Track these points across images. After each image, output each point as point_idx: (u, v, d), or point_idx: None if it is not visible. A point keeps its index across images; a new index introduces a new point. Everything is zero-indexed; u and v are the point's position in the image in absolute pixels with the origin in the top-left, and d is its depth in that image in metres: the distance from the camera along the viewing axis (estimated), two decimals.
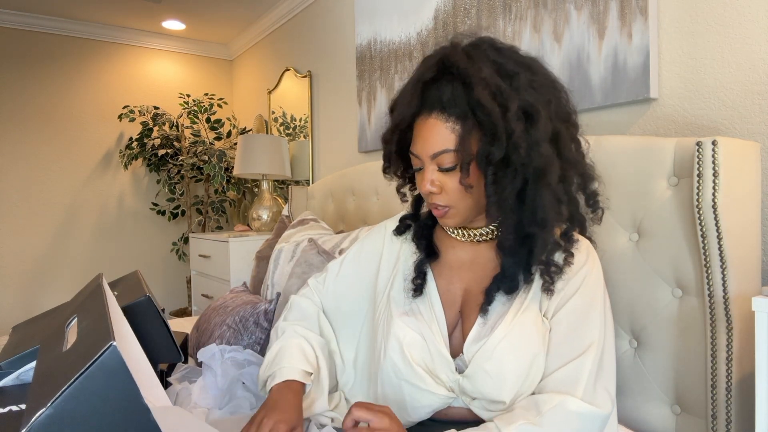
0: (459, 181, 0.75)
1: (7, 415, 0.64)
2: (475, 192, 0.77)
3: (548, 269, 0.76)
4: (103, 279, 0.86)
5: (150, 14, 3.15)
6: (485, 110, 0.70)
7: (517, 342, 0.75)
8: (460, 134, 0.73)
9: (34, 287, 3.19)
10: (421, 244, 0.88)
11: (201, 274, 2.80)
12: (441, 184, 0.77)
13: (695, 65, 1.15)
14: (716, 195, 0.88)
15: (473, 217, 0.81)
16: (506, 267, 0.78)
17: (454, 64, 0.73)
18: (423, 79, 0.76)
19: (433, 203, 0.79)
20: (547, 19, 1.42)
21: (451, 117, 0.74)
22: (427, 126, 0.75)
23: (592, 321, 0.76)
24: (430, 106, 0.75)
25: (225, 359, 1.02)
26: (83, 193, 3.33)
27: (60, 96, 3.23)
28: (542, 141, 0.72)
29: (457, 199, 0.77)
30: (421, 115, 0.77)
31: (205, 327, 1.36)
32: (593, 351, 0.73)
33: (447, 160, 0.75)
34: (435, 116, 0.75)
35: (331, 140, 2.61)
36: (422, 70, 0.77)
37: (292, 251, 1.61)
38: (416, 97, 0.76)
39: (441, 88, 0.74)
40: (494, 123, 0.70)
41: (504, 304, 0.79)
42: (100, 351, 0.50)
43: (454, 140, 0.73)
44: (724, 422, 0.90)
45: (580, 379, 0.71)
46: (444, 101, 0.73)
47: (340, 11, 2.48)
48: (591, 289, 0.79)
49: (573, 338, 0.75)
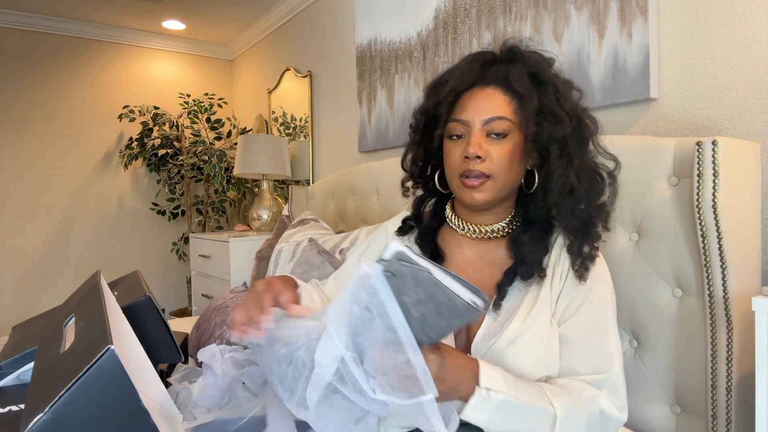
0: (512, 149, 0.77)
1: (7, 415, 0.64)
2: (515, 170, 0.79)
3: (584, 261, 0.78)
4: (100, 276, 0.86)
5: (150, 14, 3.15)
6: (554, 92, 0.76)
7: (529, 344, 0.74)
8: (524, 109, 0.76)
9: (34, 287, 3.19)
10: (426, 247, 0.87)
11: (201, 274, 2.80)
12: (488, 151, 0.77)
13: (695, 65, 1.15)
14: (716, 195, 0.88)
15: (500, 198, 0.80)
16: (525, 253, 0.78)
17: (521, 52, 0.79)
18: (482, 58, 0.80)
19: (473, 170, 0.77)
20: (547, 19, 1.42)
21: (509, 92, 0.77)
22: (484, 94, 0.78)
23: (610, 329, 0.77)
24: (488, 81, 0.79)
25: (225, 359, 1.02)
26: (83, 193, 3.33)
27: (60, 96, 3.23)
28: (589, 140, 0.78)
29: (500, 169, 0.77)
30: (475, 87, 0.80)
31: (205, 327, 1.36)
32: (618, 360, 0.75)
33: (499, 127, 0.76)
34: (493, 88, 0.78)
35: (331, 140, 2.61)
36: (477, 54, 0.82)
37: (292, 251, 1.61)
38: (475, 70, 0.79)
39: (502, 68, 0.79)
40: (559, 106, 0.75)
41: (514, 302, 0.78)
42: (97, 354, 0.50)
43: (510, 112, 0.77)
44: (724, 422, 0.90)
45: (606, 383, 0.74)
46: (508, 77, 0.77)
47: (340, 11, 2.48)
48: (602, 293, 0.79)
49: (596, 344, 0.76)
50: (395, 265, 0.56)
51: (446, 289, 0.56)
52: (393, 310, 0.55)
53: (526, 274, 0.78)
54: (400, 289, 0.56)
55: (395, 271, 0.56)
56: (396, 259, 0.56)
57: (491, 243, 0.84)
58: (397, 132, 2.04)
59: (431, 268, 0.57)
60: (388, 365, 0.56)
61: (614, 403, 0.73)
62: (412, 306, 0.56)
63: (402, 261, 0.56)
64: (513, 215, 0.83)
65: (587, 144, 0.78)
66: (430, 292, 0.56)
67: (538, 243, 0.79)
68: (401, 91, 2.01)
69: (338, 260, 1.43)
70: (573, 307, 0.77)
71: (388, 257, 0.57)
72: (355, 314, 0.58)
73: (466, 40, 1.70)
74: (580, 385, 0.73)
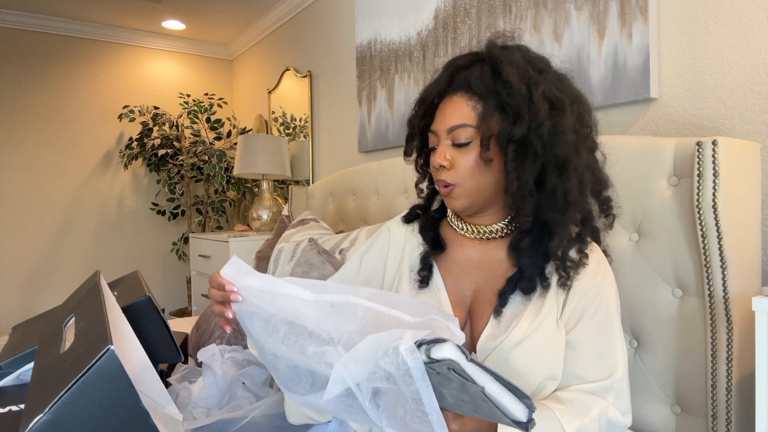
0: (477, 156, 0.76)
1: (7, 415, 0.64)
2: (486, 175, 0.77)
3: (564, 264, 0.76)
4: (100, 276, 0.86)
5: (150, 14, 3.15)
6: (511, 88, 0.73)
7: (535, 346, 0.74)
8: (481, 112, 0.75)
9: (34, 287, 3.19)
10: (428, 236, 0.88)
11: (201, 274, 2.80)
12: (453, 160, 0.77)
13: (695, 65, 1.15)
14: (716, 195, 0.88)
15: (480, 203, 0.80)
16: (524, 267, 0.77)
17: (488, 51, 0.78)
18: (455, 64, 0.80)
19: (440, 179, 0.79)
20: (547, 19, 1.42)
21: (473, 96, 0.76)
22: (449, 103, 0.78)
23: (616, 334, 0.77)
24: (456, 87, 0.79)
25: (225, 359, 1.02)
26: (83, 193, 3.33)
27: (60, 96, 3.23)
28: (567, 130, 0.73)
29: (465, 177, 0.77)
30: (446, 95, 0.80)
31: (205, 327, 1.36)
32: (622, 365, 0.76)
33: (462, 135, 0.76)
34: (459, 95, 0.78)
35: (331, 140, 2.61)
36: (456, 59, 0.81)
37: (292, 251, 1.61)
38: (445, 78, 0.80)
39: (470, 71, 0.78)
40: (518, 103, 0.72)
41: (518, 306, 0.78)
42: (97, 355, 0.50)
43: (473, 117, 0.76)
44: (724, 422, 0.90)
45: (611, 389, 0.74)
46: (470, 81, 0.77)
47: (340, 11, 2.48)
48: (608, 298, 0.79)
49: (601, 351, 0.76)
50: (444, 371, 0.50)
51: (494, 408, 0.50)
52: (429, 399, 0.51)
53: (527, 288, 0.77)
54: (441, 384, 0.52)
55: (442, 373, 0.51)
56: (447, 367, 0.50)
57: (492, 243, 0.84)
58: (396, 132, 2.04)
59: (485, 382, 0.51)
60: (401, 414, 0.55)
61: (618, 408, 0.74)
62: (450, 397, 0.53)
63: (453, 371, 0.50)
64: (512, 216, 0.82)
65: (562, 134, 0.73)
66: (475, 400, 0.52)
67: (537, 249, 0.77)
68: (401, 91, 2.01)
69: (338, 260, 1.43)
70: (580, 312, 0.77)
71: (438, 358, 0.50)
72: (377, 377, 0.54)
73: (466, 40, 1.70)
74: (587, 400, 0.73)
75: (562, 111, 0.73)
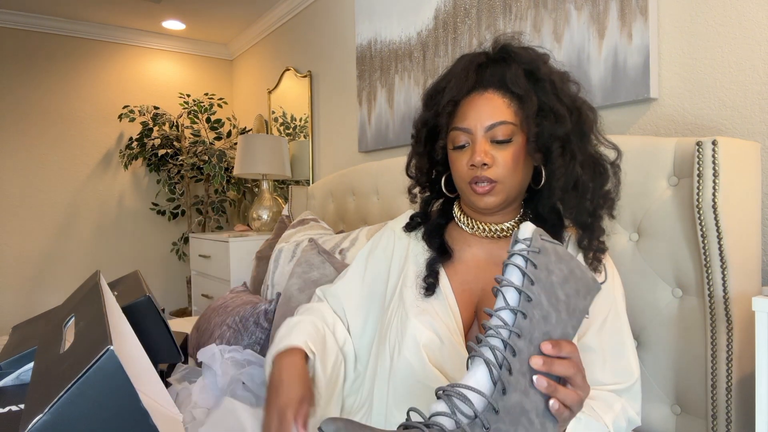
0: (515, 153, 0.77)
1: (7, 415, 0.64)
2: (521, 172, 0.79)
3: (596, 254, 0.79)
4: (100, 276, 0.85)
5: (150, 14, 3.15)
6: (555, 88, 0.75)
7: None
8: (523, 111, 0.76)
9: (34, 287, 3.19)
10: (434, 243, 0.87)
11: (201, 274, 2.80)
12: (493, 157, 0.77)
13: (695, 65, 1.15)
14: (716, 195, 0.88)
15: (510, 200, 0.81)
16: None
17: (514, 50, 0.78)
18: (476, 61, 0.80)
19: (481, 177, 0.77)
20: (547, 19, 1.42)
21: (507, 94, 0.77)
22: (483, 100, 0.78)
23: (627, 337, 0.79)
24: (486, 84, 0.78)
25: (225, 359, 1.02)
26: (83, 193, 3.33)
27: (60, 96, 3.23)
28: (590, 132, 0.78)
29: (506, 174, 0.77)
30: (473, 93, 0.79)
31: (205, 327, 1.36)
32: (636, 368, 0.78)
33: (501, 132, 0.76)
34: (491, 92, 0.78)
35: (331, 140, 2.61)
36: (470, 57, 0.81)
37: (292, 251, 1.61)
38: (471, 76, 0.79)
39: (498, 70, 0.78)
40: (561, 102, 0.75)
41: None
42: (97, 355, 0.50)
43: (511, 115, 0.76)
44: (724, 422, 0.90)
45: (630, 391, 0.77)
46: (505, 80, 0.77)
47: (340, 11, 2.48)
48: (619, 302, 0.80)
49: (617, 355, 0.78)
50: (539, 241, 0.56)
51: (579, 262, 0.57)
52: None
53: None
54: (548, 267, 0.55)
55: (540, 247, 0.55)
56: (539, 234, 0.56)
57: (501, 242, 0.84)
58: (397, 132, 2.04)
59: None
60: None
61: (634, 409, 0.77)
62: (559, 287, 0.55)
63: (543, 237, 0.56)
64: (522, 214, 0.84)
65: (588, 136, 0.78)
66: (570, 266, 0.56)
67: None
68: (401, 91, 2.01)
69: (338, 260, 1.43)
70: (592, 316, 0.78)
71: (529, 235, 0.56)
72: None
73: (466, 40, 1.70)
74: (608, 396, 0.75)
75: (585, 112, 0.78)
